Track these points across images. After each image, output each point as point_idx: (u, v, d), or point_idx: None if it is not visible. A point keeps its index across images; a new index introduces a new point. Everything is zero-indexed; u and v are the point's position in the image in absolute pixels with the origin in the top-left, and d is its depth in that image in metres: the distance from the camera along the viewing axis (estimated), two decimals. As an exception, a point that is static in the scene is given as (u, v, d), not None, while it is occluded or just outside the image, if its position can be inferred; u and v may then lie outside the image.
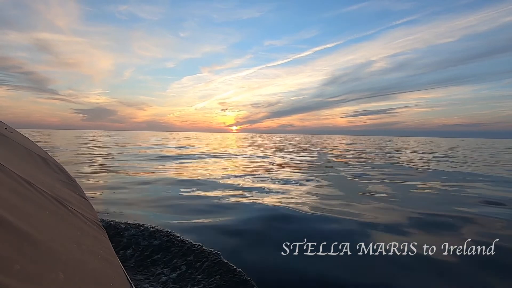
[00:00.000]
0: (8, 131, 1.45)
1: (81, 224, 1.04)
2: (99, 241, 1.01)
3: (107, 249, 1.00)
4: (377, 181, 7.28)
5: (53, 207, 1.04)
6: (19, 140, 1.43)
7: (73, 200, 1.17)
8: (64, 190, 1.23)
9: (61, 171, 1.44)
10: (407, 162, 12.60)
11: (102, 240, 1.04)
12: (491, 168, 11.03)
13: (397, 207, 4.61)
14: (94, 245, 0.97)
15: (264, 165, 10.35)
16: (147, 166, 9.52)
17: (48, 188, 1.12)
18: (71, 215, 1.05)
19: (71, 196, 1.21)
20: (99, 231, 1.09)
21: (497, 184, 7.24)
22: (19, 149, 1.30)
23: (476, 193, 5.94)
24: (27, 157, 1.30)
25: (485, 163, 13.07)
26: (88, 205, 1.25)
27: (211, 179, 7.13)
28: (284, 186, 6.38)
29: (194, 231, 3.29)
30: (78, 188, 1.38)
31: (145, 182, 6.55)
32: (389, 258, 2.75)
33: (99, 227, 1.11)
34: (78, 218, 1.06)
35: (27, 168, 1.19)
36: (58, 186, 1.23)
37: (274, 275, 2.47)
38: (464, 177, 8.39)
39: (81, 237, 0.97)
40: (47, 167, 1.37)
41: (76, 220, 1.04)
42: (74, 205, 1.13)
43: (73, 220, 1.04)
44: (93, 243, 0.98)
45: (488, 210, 4.58)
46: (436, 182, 7.26)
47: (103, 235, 1.07)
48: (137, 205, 4.46)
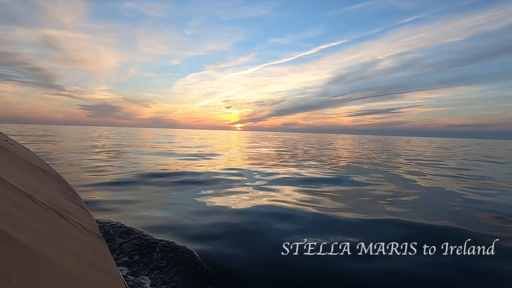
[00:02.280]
0: (8, 143, 1.47)
1: (81, 235, 1.06)
2: (99, 253, 1.03)
3: (107, 260, 1.01)
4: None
5: (53, 219, 1.06)
6: (20, 152, 1.45)
7: (73, 211, 1.19)
8: (64, 201, 1.25)
9: (61, 182, 1.46)
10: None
11: (102, 251, 1.05)
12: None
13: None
14: (94, 256, 0.98)
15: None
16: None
17: (48, 200, 1.14)
18: (70, 226, 1.07)
19: (71, 207, 1.23)
20: (99, 242, 1.10)
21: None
22: (19, 161, 1.32)
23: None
24: (27, 169, 1.31)
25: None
26: (88, 216, 1.26)
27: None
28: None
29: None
30: (78, 199, 1.40)
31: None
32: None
33: (99, 238, 1.13)
34: (78, 230, 1.07)
35: (27, 180, 1.20)
36: (58, 198, 1.24)
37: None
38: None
39: (81, 249, 0.98)
40: (47, 178, 1.38)
41: (76, 232, 1.06)
42: (74, 216, 1.14)
43: (73, 231, 1.05)
44: (93, 254, 0.99)
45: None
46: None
47: (103, 246, 1.09)
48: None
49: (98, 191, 5.33)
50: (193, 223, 3.69)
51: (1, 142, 1.37)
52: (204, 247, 2.91)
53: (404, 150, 23.25)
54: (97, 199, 4.74)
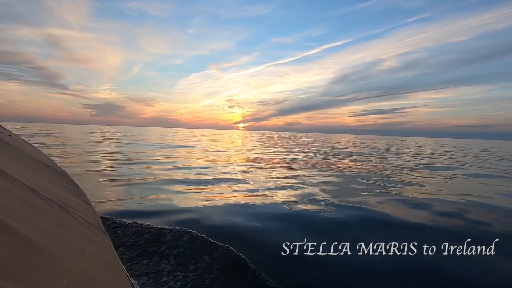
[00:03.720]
0: (12, 138, 1.48)
1: (84, 230, 1.06)
2: (102, 247, 1.03)
3: (111, 254, 1.02)
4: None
5: (57, 213, 1.06)
6: (23, 147, 1.45)
7: (76, 206, 1.20)
8: (68, 196, 1.26)
9: (64, 177, 1.47)
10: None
11: (106, 245, 1.06)
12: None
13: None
14: (98, 251, 0.99)
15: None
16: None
17: (52, 195, 1.14)
18: (74, 221, 1.07)
19: (75, 202, 1.24)
20: (102, 236, 1.11)
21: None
22: (23, 156, 1.33)
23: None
24: (31, 164, 1.32)
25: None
26: (91, 211, 1.27)
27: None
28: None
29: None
30: (82, 194, 1.41)
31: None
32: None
33: (102, 233, 1.14)
34: (82, 224, 1.08)
35: (31, 175, 1.21)
36: (61, 192, 1.25)
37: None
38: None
39: (84, 243, 0.99)
40: (51, 173, 1.39)
41: (79, 226, 1.06)
42: (78, 211, 1.15)
43: (76, 226, 1.06)
44: (97, 249, 1.00)
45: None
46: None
47: (106, 241, 1.10)
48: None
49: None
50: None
51: (5, 137, 1.38)
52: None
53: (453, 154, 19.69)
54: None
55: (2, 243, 0.69)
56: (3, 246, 0.69)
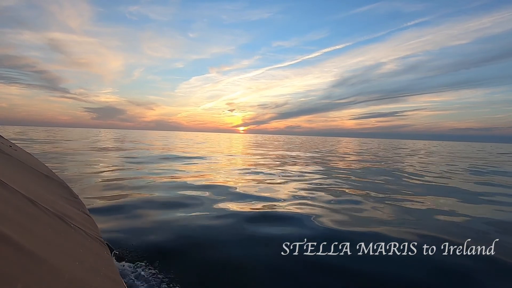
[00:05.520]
0: (12, 149, 1.49)
1: (83, 241, 1.08)
2: (101, 259, 1.04)
3: (110, 266, 1.03)
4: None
5: (56, 224, 1.08)
6: (23, 158, 1.47)
7: (75, 217, 1.21)
8: (67, 207, 1.27)
9: (64, 188, 1.48)
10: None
11: (104, 257, 1.07)
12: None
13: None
14: (96, 262, 1.00)
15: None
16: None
17: (51, 206, 1.16)
18: (73, 232, 1.09)
19: (74, 213, 1.25)
20: (101, 248, 1.12)
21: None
22: (23, 167, 1.34)
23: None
24: (31, 174, 1.33)
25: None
26: (90, 222, 1.28)
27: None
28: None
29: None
30: (81, 205, 1.41)
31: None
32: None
33: (101, 244, 1.14)
34: (81, 235, 1.09)
35: (30, 186, 1.22)
36: (60, 203, 1.26)
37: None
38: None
39: (83, 255, 1.00)
40: (50, 184, 1.40)
41: (78, 237, 1.08)
42: (77, 222, 1.16)
43: (75, 237, 1.07)
44: (96, 260, 1.01)
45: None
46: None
47: (105, 252, 1.10)
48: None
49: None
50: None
51: (5, 147, 1.39)
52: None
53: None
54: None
55: (1, 254, 0.70)
56: (2, 257, 0.70)
